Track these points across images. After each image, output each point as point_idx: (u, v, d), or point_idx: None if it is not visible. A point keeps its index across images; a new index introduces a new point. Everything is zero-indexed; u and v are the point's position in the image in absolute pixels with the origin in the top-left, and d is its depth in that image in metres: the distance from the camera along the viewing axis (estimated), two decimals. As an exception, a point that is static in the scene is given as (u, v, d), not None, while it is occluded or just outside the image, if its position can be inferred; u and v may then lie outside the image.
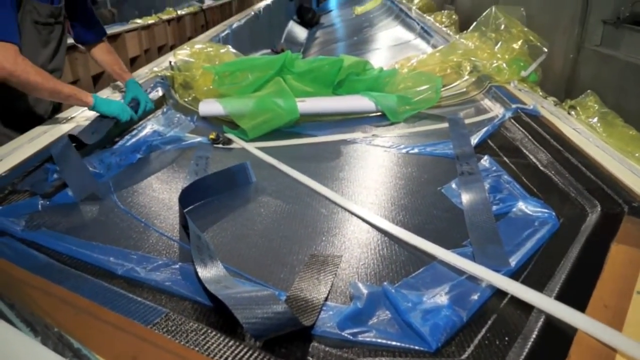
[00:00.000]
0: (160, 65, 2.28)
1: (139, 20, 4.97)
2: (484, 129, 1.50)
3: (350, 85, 1.99)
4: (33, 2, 1.48)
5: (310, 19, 9.24)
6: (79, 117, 1.60)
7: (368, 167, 1.40)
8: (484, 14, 2.25)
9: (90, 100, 1.46)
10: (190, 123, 1.74)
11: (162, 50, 5.32)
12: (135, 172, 1.33)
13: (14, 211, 0.98)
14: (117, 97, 1.81)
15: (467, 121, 1.66)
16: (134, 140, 1.51)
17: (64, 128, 1.48)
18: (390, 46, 4.07)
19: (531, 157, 1.30)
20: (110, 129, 1.48)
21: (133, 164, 1.38)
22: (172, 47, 5.49)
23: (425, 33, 3.82)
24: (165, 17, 5.56)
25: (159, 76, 2.10)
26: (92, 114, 1.52)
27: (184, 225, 0.98)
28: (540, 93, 1.88)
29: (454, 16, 4.17)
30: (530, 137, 1.38)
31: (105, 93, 1.89)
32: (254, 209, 1.14)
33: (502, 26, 2.16)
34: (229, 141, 1.60)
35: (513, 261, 0.87)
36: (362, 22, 6.54)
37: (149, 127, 1.63)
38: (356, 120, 1.83)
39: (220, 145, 1.57)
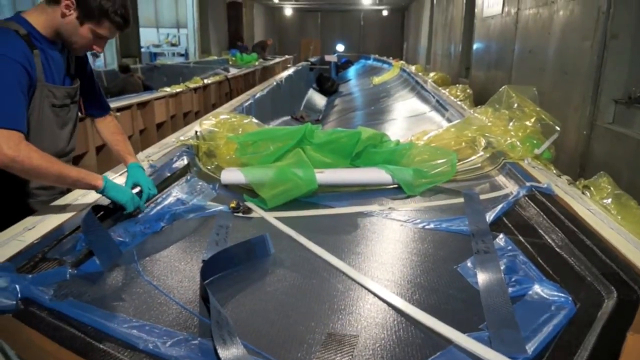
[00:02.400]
0: (186, 134, 2.39)
1: (167, 89, 5.25)
2: (499, 206, 1.52)
3: (368, 157, 2.04)
4: (49, 86, 1.49)
5: (329, 87, 9.62)
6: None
7: (384, 242, 1.43)
8: (497, 92, 2.34)
9: (99, 184, 1.39)
10: (212, 191, 1.80)
11: (187, 116, 5.57)
12: (158, 241, 1.37)
13: (43, 280, 1.02)
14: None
15: (481, 197, 1.69)
16: (158, 208, 1.57)
17: (94, 196, 1.54)
18: (406, 117, 4.20)
19: (546, 237, 1.31)
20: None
21: (157, 232, 1.43)
22: (197, 113, 5.74)
23: (440, 106, 3.95)
24: (192, 85, 5.86)
25: (185, 145, 2.20)
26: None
27: (204, 298, 1.01)
28: (554, 171, 1.91)
29: (468, 90, 4.32)
30: (545, 216, 1.40)
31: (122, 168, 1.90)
32: (272, 282, 1.16)
33: (515, 105, 2.23)
34: (249, 210, 1.65)
35: (530, 348, 0.86)
36: (380, 92, 6.79)
37: (173, 194, 1.69)
38: (373, 192, 1.87)
39: (240, 214, 1.61)
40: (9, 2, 16.46)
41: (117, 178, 1.65)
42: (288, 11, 21.64)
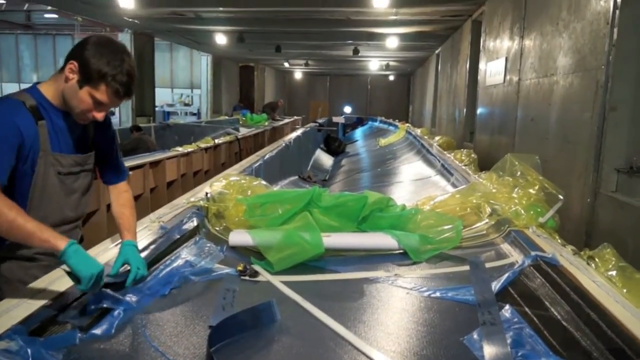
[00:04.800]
0: (197, 195, 2.45)
1: (179, 148, 5.40)
2: (505, 276, 1.53)
3: (374, 222, 2.07)
4: (55, 154, 1.51)
5: (336, 147, 9.84)
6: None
7: (390, 310, 1.43)
8: (501, 160, 2.40)
9: (60, 245, 1.21)
10: (220, 253, 1.81)
11: (197, 175, 5.68)
12: (166, 305, 1.38)
13: (54, 344, 1.03)
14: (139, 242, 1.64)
15: (487, 265, 1.70)
16: (167, 270, 1.59)
17: (108, 255, 1.56)
18: (412, 181, 4.27)
19: (552, 309, 1.32)
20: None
21: (165, 295, 1.44)
22: (207, 172, 5.86)
23: (445, 170, 4.02)
24: (203, 145, 6.03)
25: (195, 206, 2.24)
26: None
27: (210, 367, 1.01)
28: (559, 240, 1.92)
29: (472, 155, 4.41)
30: (550, 287, 1.41)
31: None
32: (278, 351, 1.16)
33: (518, 173, 2.28)
34: (256, 273, 1.66)
35: None
36: (386, 154, 6.93)
37: (182, 256, 1.72)
38: (379, 257, 1.88)
39: (247, 278, 1.63)
40: (32, 61, 17.33)
41: (113, 248, 1.63)
42: (298, 74, 22.48)
